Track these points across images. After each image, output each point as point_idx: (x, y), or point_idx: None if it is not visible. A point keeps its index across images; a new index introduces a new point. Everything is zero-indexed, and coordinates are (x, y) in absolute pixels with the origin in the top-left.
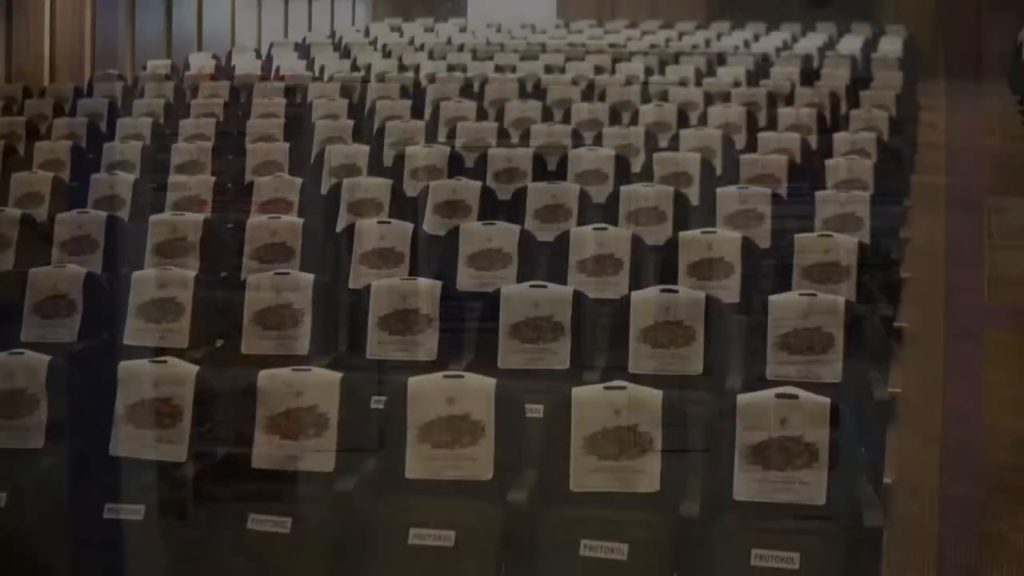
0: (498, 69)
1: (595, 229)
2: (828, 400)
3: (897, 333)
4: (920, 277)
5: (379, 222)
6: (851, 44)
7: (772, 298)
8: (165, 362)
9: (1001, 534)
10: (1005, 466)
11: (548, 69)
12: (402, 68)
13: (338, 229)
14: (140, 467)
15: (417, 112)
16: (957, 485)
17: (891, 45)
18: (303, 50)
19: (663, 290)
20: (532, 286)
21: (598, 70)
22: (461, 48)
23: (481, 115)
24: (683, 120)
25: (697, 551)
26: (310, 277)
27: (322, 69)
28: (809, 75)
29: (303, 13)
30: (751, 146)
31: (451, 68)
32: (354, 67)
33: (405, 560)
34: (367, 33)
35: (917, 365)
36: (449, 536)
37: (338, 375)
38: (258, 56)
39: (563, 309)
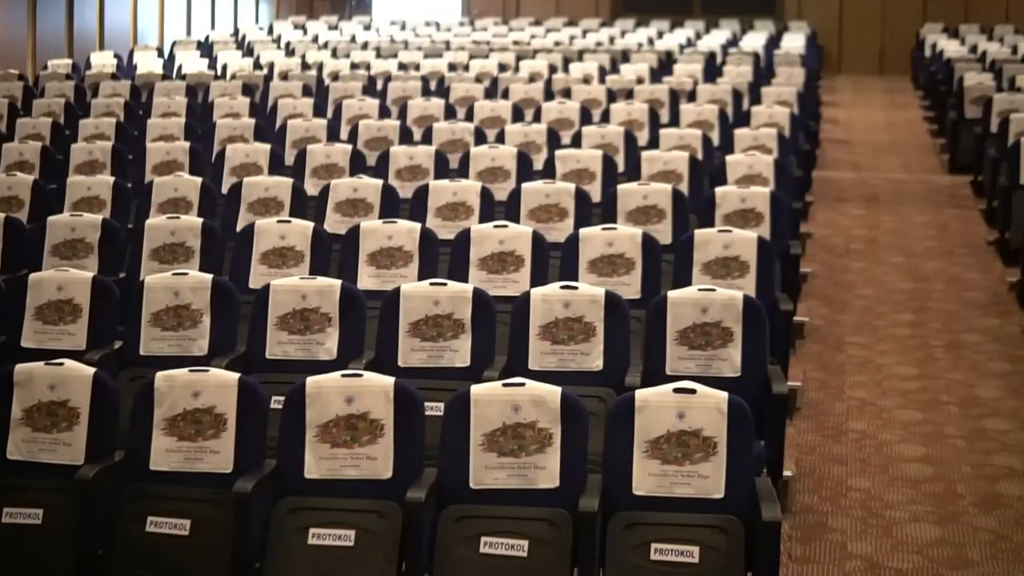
0: (401, 67)
1: (496, 227)
2: (726, 394)
3: (798, 327)
4: (821, 272)
5: (279, 221)
6: (754, 41)
7: (671, 293)
8: (62, 364)
9: (902, 525)
10: (905, 457)
11: (452, 67)
12: (305, 66)
13: (238, 228)
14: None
15: (319, 110)
16: (857, 477)
17: (794, 42)
18: (205, 48)
19: (563, 287)
20: (432, 284)
21: (502, 68)
22: (365, 46)
23: (383, 113)
24: (586, 117)
25: (597, 546)
26: (209, 277)
27: (224, 67)
28: (712, 72)
29: (206, 11)
30: (653, 143)
31: (354, 66)
32: (257, 65)
33: (305, 560)
34: (270, 31)
35: (817, 359)
36: (349, 536)
37: (236, 375)
38: (160, 55)
39: (463, 307)
